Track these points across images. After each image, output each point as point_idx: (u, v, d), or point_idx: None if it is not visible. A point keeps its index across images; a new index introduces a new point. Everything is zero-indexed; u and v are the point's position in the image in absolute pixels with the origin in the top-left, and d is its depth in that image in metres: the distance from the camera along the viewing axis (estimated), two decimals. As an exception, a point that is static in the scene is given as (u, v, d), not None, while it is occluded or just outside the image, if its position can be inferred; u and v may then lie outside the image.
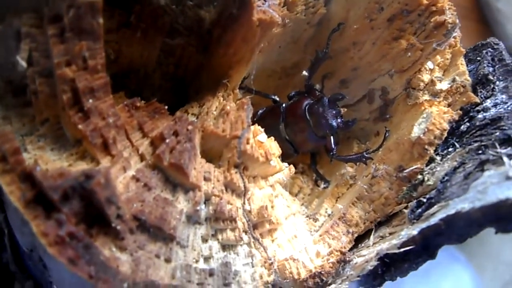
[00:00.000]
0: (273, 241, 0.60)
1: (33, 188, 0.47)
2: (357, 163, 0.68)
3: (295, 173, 0.71)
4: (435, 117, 0.62)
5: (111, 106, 0.52)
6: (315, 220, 0.65)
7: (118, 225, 0.49)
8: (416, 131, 0.62)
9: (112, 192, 0.48)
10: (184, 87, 0.65)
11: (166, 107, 0.57)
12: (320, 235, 0.63)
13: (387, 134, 0.66)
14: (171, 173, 0.54)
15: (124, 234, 0.50)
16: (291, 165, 0.65)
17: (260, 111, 0.72)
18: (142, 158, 0.54)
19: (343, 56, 0.70)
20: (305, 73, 0.69)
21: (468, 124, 0.63)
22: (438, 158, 0.62)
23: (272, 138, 0.62)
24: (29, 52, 0.50)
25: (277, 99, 0.71)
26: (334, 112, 0.68)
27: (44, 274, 0.55)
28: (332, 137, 0.68)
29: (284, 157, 0.66)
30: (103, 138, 0.51)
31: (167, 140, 0.54)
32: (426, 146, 0.62)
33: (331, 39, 0.66)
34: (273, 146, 0.61)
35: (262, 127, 0.63)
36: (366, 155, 0.66)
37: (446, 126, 0.62)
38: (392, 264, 0.58)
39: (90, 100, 0.50)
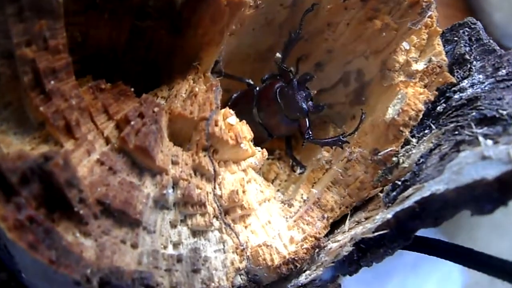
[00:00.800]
0: (246, 227, 0.59)
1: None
2: (333, 147, 0.67)
3: (272, 159, 0.71)
4: (410, 97, 0.61)
5: (74, 88, 0.51)
6: (290, 205, 0.64)
7: (81, 209, 0.48)
8: (390, 113, 0.61)
9: (72, 174, 0.47)
10: (155, 70, 0.64)
11: (132, 89, 0.56)
12: (295, 221, 0.62)
13: (363, 117, 0.64)
14: (137, 156, 0.53)
15: (88, 219, 0.49)
16: (264, 149, 0.64)
17: (234, 95, 0.71)
18: (107, 141, 0.53)
19: (318, 38, 0.69)
20: (278, 55, 0.68)
21: (444, 105, 0.61)
22: (414, 140, 0.61)
23: (244, 121, 0.61)
24: (-12, 33, 0.49)
25: (251, 82, 0.70)
26: (304, 94, 0.67)
27: (11, 262, 0.54)
28: (306, 120, 0.67)
29: (259, 142, 0.65)
30: (65, 120, 0.50)
31: (132, 123, 0.53)
32: (401, 128, 0.61)
33: (304, 19, 0.65)
34: (244, 129, 0.60)
35: (236, 112, 0.62)
36: (342, 139, 0.64)
37: (422, 107, 0.61)
38: (367, 250, 0.57)
39: (52, 82, 0.50)
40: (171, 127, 0.56)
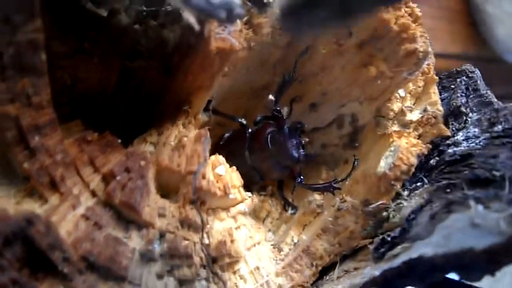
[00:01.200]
0: (234, 273, 0.59)
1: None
2: (324, 193, 0.66)
3: (264, 195, 0.70)
4: (403, 151, 0.60)
5: (58, 143, 0.51)
6: (280, 249, 0.64)
7: (64, 267, 0.48)
8: (382, 165, 0.60)
9: (54, 238, 0.47)
10: (145, 110, 0.63)
11: (120, 140, 0.55)
12: (283, 268, 0.61)
13: (355, 163, 0.63)
14: (123, 210, 0.53)
15: (72, 276, 0.49)
16: (253, 196, 0.63)
17: (227, 135, 0.70)
18: (93, 194, 0.53)
19: (312, 80, 0.67)
20: (271, 97, 0.66)
21: (437, 158, 0.60)
22: (405, 193, 0.60)
23: (234, 168, 0.61)
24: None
25: (244, 122, 0.69)
26: (295, 142, 0.66)
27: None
28: (297, 167, 0.66)
29: (250, 183, 0.64)
30: (50, 176, 0.50)
31: (118, 177, 0.52)
32: (393, 182, 0.59)
33: (298, 62, 0.63)
34: (234, 177, 0.60)
35: (228, 151, 0.61)
36: (334, 185, 0.63)
37: (414, 161, 0.60)
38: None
39: (36, 137, 0.49)
40: (158, 178, 0.56)
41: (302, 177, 0.66)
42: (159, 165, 0.55)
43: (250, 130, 0.68)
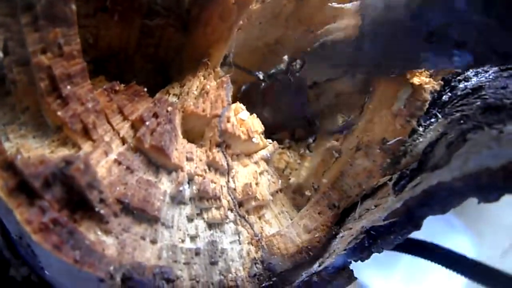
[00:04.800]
0: (259, 217, 0.61)
1: (15, 177, 0.48)
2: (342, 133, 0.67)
3: (282, 148, 0.71)
4: (417, 88, 0.61)
5: (89, 91, 0.52)
6: (302, 195, 0.66)
7: (101, 209, 0.50)
8: (397, 103, 0.62)
9: (92, 177, 0.49)
10: (165, 67, 0.65)
11: (146, 89, 0.57)
12: (307, 210, 0.63)
13: (366, 99, 0.65)
14: (153, 155, 0.54)
15: (108, 218, 0.50)
16: (275, 142, 0.65)
17: (244, 87, 0.72)
18: (123, 141, 0.54)
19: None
20: (285, 57, 0.68)
21: (449, 94, 0.62)
22: (421, 129, 0.62)
23: (255, 115, 0.62)
24: (5, 41, 0.50)
25: (261, 76, 0.71)
26: (302, 97, 0.68)
27: (35, 260, 0.56)
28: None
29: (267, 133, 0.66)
30: (83, 123, 0.52)
31: (147, 123, 0.54)
32: (408, 118, 0.61)
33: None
34: (255, 123, 0.62)
35: (245, 103, 0.63)
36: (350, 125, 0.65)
37: (428, 97, 0.62)
38: (378, 237, 0.58)
39: (68, 87, 0.51)
40: (184, 124, 0.57)
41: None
42: (185, 111, 0.57)
43: (263, 85, 0.70)
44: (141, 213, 0.52)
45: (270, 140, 0.64)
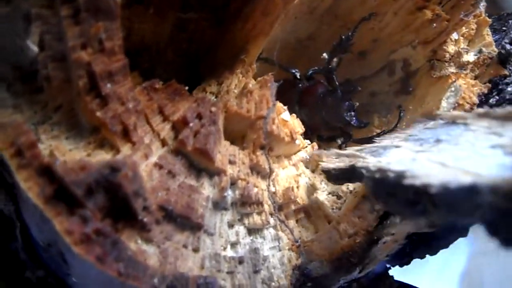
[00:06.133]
0: (297, 221, 0.57)
1: (52, 183, 0.43)
2: None
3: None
4: (465, 90, 0.58)
5: (130, 90, 0.48)
6: (338, 197, 0.62)
7: (144, 217, 0.45)
8: (444, 106, 0.58)
9: (139, 185, 0.44)
10: (197, 63, 0.60)
11: (187, 87, 0.53)
12: (345, 214, 0.59)
13: (401, 114, 0.62)
14: (195, 158, 0.50)
15: (150, 225, 0.46)
16: (314, 143, 0.61)
17: (277, 84, 0.68)
18: (163, 143, 0.50)
19: (363, 27, 0.65)
20: (325, 55, 0.64)
21: (497, 97, 0.59)
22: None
23: (294, 115, 0.58)
24: (41, 35, 0.45)
25: (298, 74, 0.66)
26: (347, 105, 0.64)
27: (62, 267, 0.52)
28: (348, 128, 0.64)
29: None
30: (123, 125, 0.47)
31: (191, 124, 0.49)
32: (457, 121, 0.58)
33: (358, 27, 0.61)
34: (296, 124, 0.58)
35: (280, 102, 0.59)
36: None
37: (476, 99, 0.58)
38: (421, 242, 0.55)
39: (108, 85, 0.46)
40: (226, 125, 0.53)
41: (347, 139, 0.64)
42: (228, 112, 0.52)
43: (301, 85, 0.66)
44: (185, 220, 0.48)
45: (308, 141, 0.60)
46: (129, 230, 0.45)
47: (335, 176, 0.55)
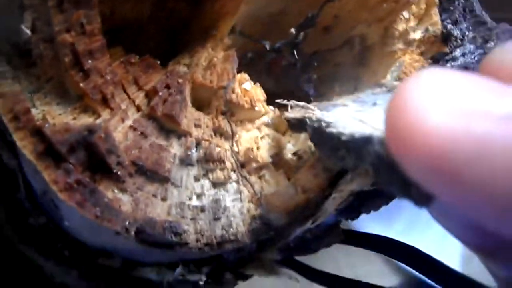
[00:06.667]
0: (260, 177, 0.65)
1: (43, 142, 0.53)
2: None
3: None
4: (407, 65, 0.65)
5: (108, 65, 0.56)
6: (300, 157, 0.70)
7: (118, 170, 0.55)
8: (389, 78, 0.65)
9: (111, 144, 0.54)
10: (175, 37, 0.69)
11: (159, 61, 0.61)
12: (303, 173, 0.67)
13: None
14: (165, 122, 0.59)
15: (124, 178, 0.55)
16: (276, 109, 0.69)
17: (249, 55, 0.76)
18: (138, 109, 0.59)
19: (326, 5, 0.72)
20: (292, 30, 0.71)
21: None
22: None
23: (258, 84, 0.66)
24: (33, 21, 0.54)
25: (267, 46, 0.74)
26: (307, 77, 0.71)
27: (56, 212, 0.61)
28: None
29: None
30: (102, 93, 0.56)
31: (160, 93, 0.58)
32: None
33: (322, 8, 0.68)
34: (258, 92, 0.65)
35: (251, 70, 0.67)
36: None
37: (416, 74, 0.65)
38: (365, 199, 0.63)
39: (89, 61, 0.55)
40: (193, 94, 0.62)
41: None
42: (194, 82, 0.61)
43: (269, 57, 0.74)
44: (154, 174, 0.57)
45: (272, 107, 0.68)
46: (106, 181, 0.55)
47: (293, 125, 0.62)
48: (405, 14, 0.68)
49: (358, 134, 0.41)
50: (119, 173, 0.55)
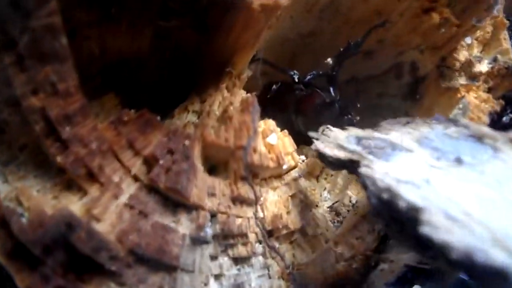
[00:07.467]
0: (291, 243, 0.52)
1: (12, 238, 0.40)
2: None
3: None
4: (473, 110, 0.50)
5: (92, 130, 0.43)
6: (338, 214, 0.56)
7: (112, 265, 0.42)
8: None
9: (98, 242, 0.40)
10: (184, 72, 0.54)
11: (159, 117, 0.47)
12: (343, 235, 0.53)
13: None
14: (169, 194, 0.45)
15: (121, 271, 0.42)
16: (307, 160, 0.54)
17: (275, 87, 0.60)
18: (135, 179, 0.45)
19: (366, 26, 0.56)
20: (329, 60, 0.56)
21: (511, 115, 0.50)
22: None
23: (286, 132, 0.52)
24: (-12, 81, 0.40)
25: (296, 77, 0.58)
26: (346, 120, 0.56)
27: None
28: None
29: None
30: (86, 168, 0.42)
31: (161, 161, 0.45)
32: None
33: (369, 34, 0.52)
34: (286, 143, 0.52)
35: (274, 103, 0.53)
36: None
37: (486, 119, 0.50)
38: (422, 272, 0.49)
39: (67, 128, 0.41)
40: (204, 153, 0.48)
41: None
42: (204, 141, 0.47)
43: (299, 91, 0.58)
44: (158, 262, 0.44)
45: (303, 157, 0.54)
46: (98, 278, 0.42)
47: (331, 163, 0.48)
48: (467, 39, 0.52)
49: (481, 260, 0.28)
50: (112, 268, 0.42)
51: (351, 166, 0.43)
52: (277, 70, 0.58)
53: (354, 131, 0.48)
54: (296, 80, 0.58)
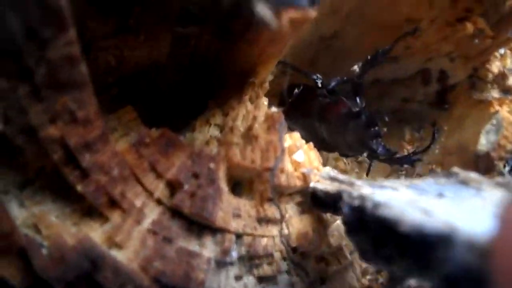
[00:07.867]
0: (316, 257, 0.50)
1: (32, 272, 0.37)
2: (403, 165, 0.53)
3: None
4: (507, 126, 0.46)
5: (113, 156, 0.40)
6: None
7: (137, 295, 0.39)
8: (483, 143, 0.47)
9: (124, 278, 0.38)
10: (204, 79, 0.51)
11: (182, 137, 0.44)
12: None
13: (436, 134, 0.50)
14: (194, 218, 0.42)
15: (145, 301, 0.40)
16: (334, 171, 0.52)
17: (297, 91, 0.57)
18: (159, 202, 0.42)
19: (394, 33, 0.52)
20: (356, 68, 0.52)
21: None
22: (506, 169, 0.47)
23: (311, 145, 0.49)
24: (4, 110, 0.36)
25: (320, 82, 0.55)
26: (373, 132, 0.52)
27: None
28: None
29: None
30: (108, 195, 0.40)
31: (186, 186, 0.41)
32: (495, 162, 0.47)
33: (398, 42, 0.48)
34: (312, 158, 0.48)
35: (295, 108, 0.50)
36: (413, 158, 0.51)
37: (523, 136, 0.47)
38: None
39: (87, 156, 0.38)
40: (229, 173, 0.45)
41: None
42: (230, 162, 0.44)
43: (322, 98, 0.55)
44: (183, 288, 0.42)
45: (328, 168, 0.51)
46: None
47: (317, 200, 0.47)
48: (500, 50, 0.49)
49: (429, 229, 0.29)
50: (138, 298, 0.39)
51: (336, 199, 0.42)
52: (299, 73, 0.54)
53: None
54: (320, 85, 0.54)
